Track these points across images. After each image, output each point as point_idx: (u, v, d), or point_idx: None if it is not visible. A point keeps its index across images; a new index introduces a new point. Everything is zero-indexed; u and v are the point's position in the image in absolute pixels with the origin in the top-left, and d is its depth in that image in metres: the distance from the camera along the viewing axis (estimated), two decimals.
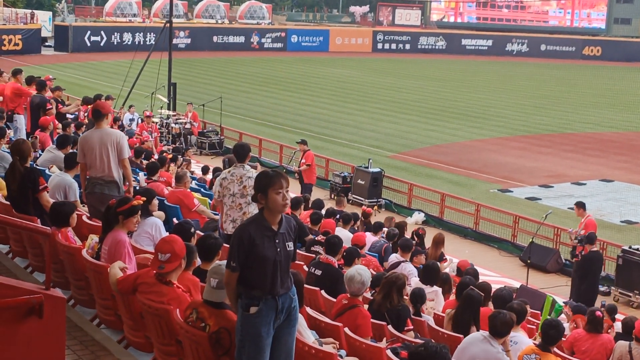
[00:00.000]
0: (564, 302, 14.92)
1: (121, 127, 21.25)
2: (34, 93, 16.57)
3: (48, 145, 13.82)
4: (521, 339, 8.08)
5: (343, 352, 6.64)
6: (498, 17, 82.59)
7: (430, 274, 10.38)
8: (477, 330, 8.02)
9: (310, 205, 14.84)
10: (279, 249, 5.31)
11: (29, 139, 13.92)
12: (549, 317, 9.97)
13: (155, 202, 9.46)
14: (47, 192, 8.94)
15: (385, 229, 14.03)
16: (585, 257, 15.15)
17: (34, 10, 61.10)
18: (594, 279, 14.78)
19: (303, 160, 21.05)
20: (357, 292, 7.71)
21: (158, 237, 8.24)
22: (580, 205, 16.44)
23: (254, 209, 8.81)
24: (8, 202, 8.83)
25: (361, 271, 7.82)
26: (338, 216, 13.80)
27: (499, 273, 17.16)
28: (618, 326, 11.24)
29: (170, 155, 17.50)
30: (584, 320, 10.47)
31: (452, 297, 10.45)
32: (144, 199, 7.35)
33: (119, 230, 7.17)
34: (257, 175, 5.51)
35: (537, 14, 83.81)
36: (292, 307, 5.42)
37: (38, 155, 12.92)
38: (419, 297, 9.20)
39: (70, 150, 11.88)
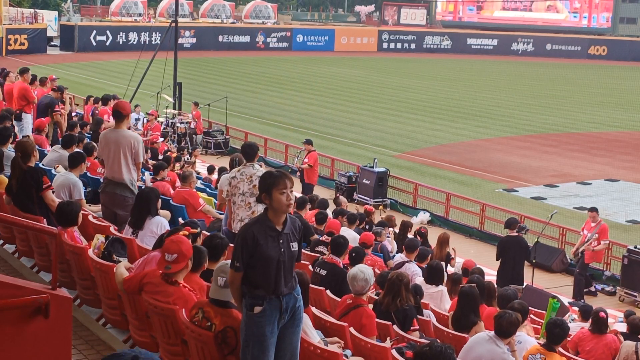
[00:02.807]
0: (568, 302, 14.97)
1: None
2: (37, 96, 16.63)
3: (45, 147, 13.83)
4: (526, 339, 8.09)
5: (348, 352, 6.65)
6: (501, 20, 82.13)
7: (434, 274, 10.37)
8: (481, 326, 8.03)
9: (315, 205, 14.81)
10: (282, 249, 5.32)
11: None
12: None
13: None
14: (52, 191, 8.96)
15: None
16: (500, 240, 15.86)
17: (37, 10, 61.13)
18: (511, 262, 15.08)
19: (306, 160, 21.04)
20: (361, 290, 7.72)
21: None
22: (594, 210, 16.74)
23: (262, 209, 8.80)
24: (9, 197, 8.83)
25: (363, 269, 7.85)
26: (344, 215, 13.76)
27: None
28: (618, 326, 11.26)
29: (175, 155, 17.52)
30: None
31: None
32: (195, 231, 7.03)
33: None
34: (262, 175, 5.54)
35: (540, 13, 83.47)
36: (297, 306, 5.43)
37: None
38: (417, 291, 9.20)
39: (76, 150, 11.91)
